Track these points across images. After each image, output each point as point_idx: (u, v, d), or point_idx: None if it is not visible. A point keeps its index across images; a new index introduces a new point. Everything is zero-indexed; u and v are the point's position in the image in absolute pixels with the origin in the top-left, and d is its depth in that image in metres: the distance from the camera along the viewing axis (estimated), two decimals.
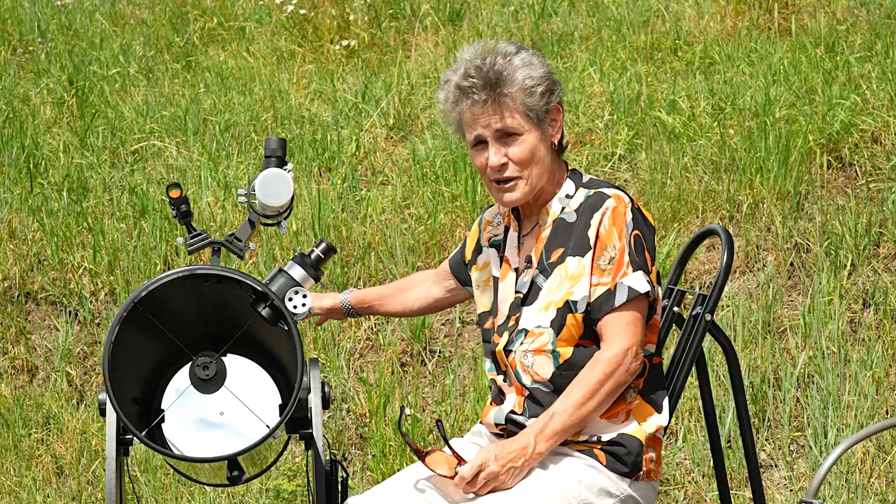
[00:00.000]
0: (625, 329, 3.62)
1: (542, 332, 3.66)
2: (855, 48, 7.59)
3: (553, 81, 3.71)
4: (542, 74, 3.68)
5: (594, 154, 7.18)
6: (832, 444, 5.68)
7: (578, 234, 3.66)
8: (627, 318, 3.63)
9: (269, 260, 6.71)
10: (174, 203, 3.64)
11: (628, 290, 3.62)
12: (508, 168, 3.68)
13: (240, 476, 3.65)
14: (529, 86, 3.66)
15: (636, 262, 3.64)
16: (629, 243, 3.64)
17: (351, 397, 6.24)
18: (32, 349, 6.68)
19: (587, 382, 3.59)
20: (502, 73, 3.65)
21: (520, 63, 3.67)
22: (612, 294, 3.62)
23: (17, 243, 7.03)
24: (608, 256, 3.63)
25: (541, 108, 3.68)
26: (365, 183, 7.30)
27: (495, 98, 3.65)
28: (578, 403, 3.59)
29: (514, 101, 3.66)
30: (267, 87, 8.19)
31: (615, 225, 3.63)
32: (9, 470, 6.12)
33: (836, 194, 6.72)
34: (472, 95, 3.66)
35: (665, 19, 8.33)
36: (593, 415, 3.63)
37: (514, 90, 3.65)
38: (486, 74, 3.65)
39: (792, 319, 6.17)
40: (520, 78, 3.65)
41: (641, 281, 3.63)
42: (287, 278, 3.66)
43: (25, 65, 8.92)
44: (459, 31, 8.69)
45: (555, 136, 3.73)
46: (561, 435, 3.60)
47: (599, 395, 3.59)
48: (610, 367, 3.59)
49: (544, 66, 3.70)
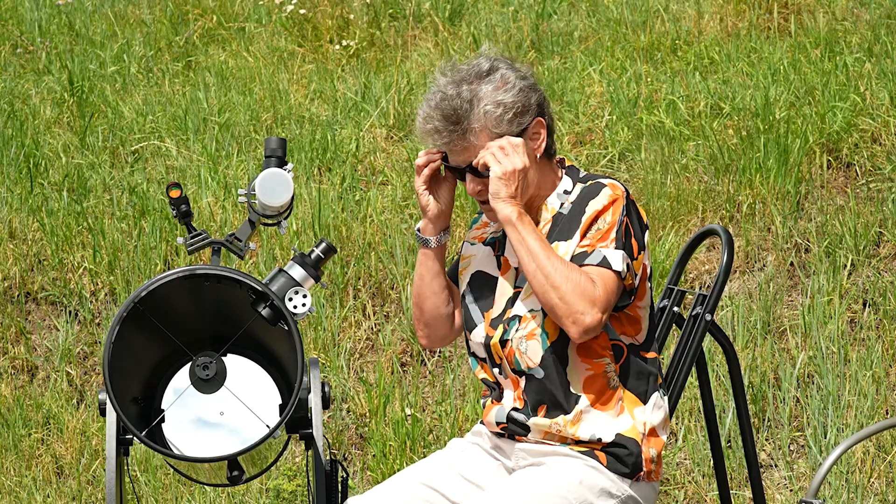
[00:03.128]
0: (597, 282, 3.59)
1: (535, 315, 3.67)
2: (854, 48, 7.60)
3: (526, 99, 3.65)
4: (511, 99, 3.63)
5: (594, 154, 7.18)
6: (832, 444, 5.68)
7: (570, 220, 3.67)
8: (602, 282, 3.59)
9: (269, 260, 6.71)
10: (174, 203, 3.64)
11: (602, 258, 3.60)
12: (485, 193, 3.68)
13: (240, 476, 3.65)
14: (497, 115, 3.63)
15: (619, 242, 3.62)
16: (619, 225, 3.62)
17: (351, 397, 6.24)
18: (32, 349, 6.68)
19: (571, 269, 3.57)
20: (459, 112, 3.61)
21: (486, 91, 3.63)
22: (586, 254, 3.61)
23: (17, 243, 7.03)
24: (595, 228, 3.63)
25: (513, 131, 3.66)
26: (365, 183, 7.30)
27: (461, 134, 3.63)
28: (549, 257, 3.57)
29: (483, 132, 3.64)
30: (267, 87, 8.19)
31: (609, 207, 3.63)
32: (9, 470, 6.12)
33: (836, 194, 6.72)
34: (435, 135, 3.65)
35: (664, 19, 8.33)
36: (536, 279, 3.57)
37: (478, 125, 3.63)
38: (444, 115, 3.62)
39: (792, 319, 6.17)
40: (482, 110, 3.62)
41: (618, 258, 3.60)
42: (287, 278, 3.66)
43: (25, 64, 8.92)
44: (459, 31, 8.69)
45: (537, 149, 3.71)
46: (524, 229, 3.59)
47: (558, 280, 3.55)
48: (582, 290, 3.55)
49: (517, 84, 3.65)
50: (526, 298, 3.70)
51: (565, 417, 3.67)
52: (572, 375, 3.68)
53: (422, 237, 3.83)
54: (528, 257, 3.60)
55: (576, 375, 3.68)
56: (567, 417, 3.67)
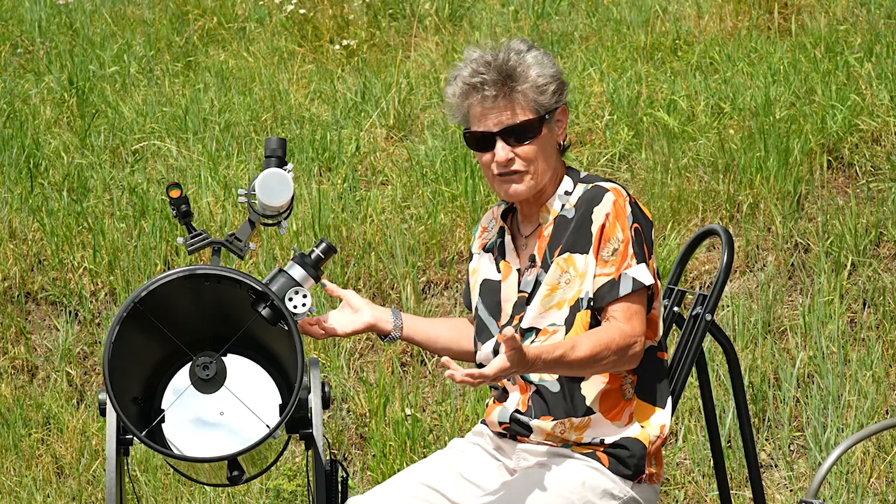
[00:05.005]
0: (632, 318, 3.61)
1: (557, 330, 3.66)
2: (855, 48, 7.59)
3: (562, 82, 3.70)
4: (552, 73, 3.67)
5: (594, 154, 7.18)
6: (832, 444, 5.68)
7: (579, 228, 3.66)
8: (634, 308, 3.62)
9: (269, 260, 6.71)
10: (174, 203, 3.64)
11: (633, 282, 3.61)
12: (515, 163, 3.67)
13: (240, 476, 3.65)
14: (541, 83, 3.65)
15: (640, 255, 3.63)
16: (631, 236, 3.63)
17: (351, 397, 6.24)
18: (32, 349, 6.68)
19: (603, 340, 3.54)
20: (516, 69, 3.63)
21: (532, 60, 3.66)
22: (617, 284, 3.61)
23: (17, 243, 7.03)
24: (611, 248, 3.63)
25: (551, 106, 3.67)
26: (365, 183, 7.30)
27: (507, 94, 3.63)
28: (589, 357, 3.52)
29: (525, 98, 3.64)
30: (267, 87, 8.19)
31: (618, 218, 3.63)
32: (9, 470, 6.12)
33: (836, 194, 6.72)
34: (482, 90, 3.64)
35: (665, 19, 8.33)
36: (586, 371, 3.57)
37: (527, 87, 3.64)
38: (498, 69, 3.63)
39: (792, 319, 6.17)
40: (532, 75, 3.64)
41: (645, 273, 3.63)
42: (287, 278, 3.66)
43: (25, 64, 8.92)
44: (459, 31, 8.69)
45: (560, 136, 3.72)
46: (556, 368, 3.52)
47: (605, 361, 3.55)
48: (623, 341, 3.57)
49: (554, 65, 3.69)
50: (545, 312, 3.68)
51: (572, 421, 3.67)
52: (588, 390, 3.67)
53: (387, 340, 3.88)
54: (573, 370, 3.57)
55: (591, 389, 3.67)
56: (574, 422, 3.67)
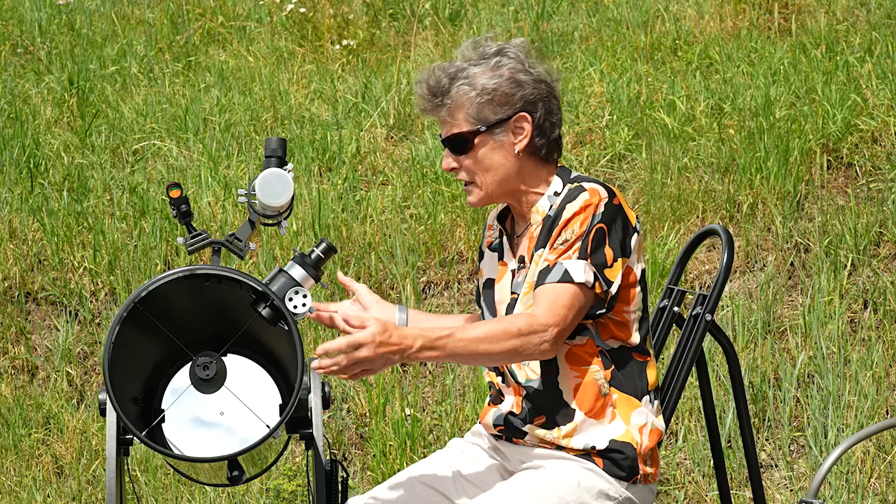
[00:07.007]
0: (554, 305, 3.57)
1: None
2: (855, 48, 7.60)
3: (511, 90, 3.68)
4: (492, 85, 3.67)
5: (594, 154, 7.18)
6: (832, 444, 5.68)
7: (550, 225, 3.67)
8: (560, 299, 3.58)
9: (269, 260, 6.71)
10: (174, 203, 3.64)
11: (563, 273, 3.59)
12: (460, 173, 3.74)
13: (240, 476, 3.65)
14: (469, 96, 3.68)
15: (584, 251, 3.61)
16: (588, 233, 3.61)
17: (351, 397, 6.24)
18: (32, 349, 6.68)
19: (499, 328, 3.54)
20: (441, 84, 3.70)
21: (474, 72, 3.68)
22: (549, 270, 3.61)
23: (17, 243, 7.03)
24: (562, 238, 3.63)
25: (492, 119, 3.68)
26: (365, 183, 7.31)
27: (436, 107, 3.72)
28: (478, 339, 3.52)
29: (455, 112, 3.70)
30: (267, 87, 8.19)
31: (580, 213, 3.62)
32: (9, 470, 6.12)
33: (836, 194, 6.72)
34: (419, 101, 3.75)
35: (665, 19, 8.33)
36: (480, 360, 3.56)
37: (451, 102, 3.70)
38: (430, 84, 3.71)
39: (792, 319, 6.18)
40: (459, 90, 3.68)
41: (579, 269, 3.59)
42: (287, 278, 3.66)
43: (26, 64, 8.92)
44: (459, 31, 8.69)
45: (517, 142, 3.72)
46: (442, 355, 3.51)
47: (501, 346, 3.52)
48: (528, 329, 3.54)
49: (508, 74, 3.68)
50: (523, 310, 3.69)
51: (560, 430, 3.67)
52: (564, 384, 3.67)
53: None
54: (469, 359, 3.56)
55: (566, 384, 3.67)
56: (563, 430, 3.67)
